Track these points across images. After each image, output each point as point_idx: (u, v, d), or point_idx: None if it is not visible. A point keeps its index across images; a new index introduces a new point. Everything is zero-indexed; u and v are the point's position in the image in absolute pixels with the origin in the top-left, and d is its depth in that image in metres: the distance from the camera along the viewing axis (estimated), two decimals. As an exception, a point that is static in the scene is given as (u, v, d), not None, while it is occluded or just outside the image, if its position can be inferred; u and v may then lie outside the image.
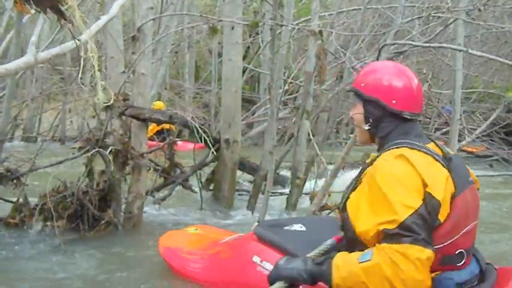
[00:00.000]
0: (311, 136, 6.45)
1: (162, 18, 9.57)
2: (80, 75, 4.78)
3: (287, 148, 7.43)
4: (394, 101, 2.48)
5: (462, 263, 2.37)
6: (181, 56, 15.86)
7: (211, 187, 6.87)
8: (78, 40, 2.11)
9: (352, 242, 2.41)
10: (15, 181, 5.24)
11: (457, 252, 2.34)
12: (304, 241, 2.97)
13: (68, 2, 1.81)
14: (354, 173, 2.75)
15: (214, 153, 6.24)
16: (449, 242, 2.29)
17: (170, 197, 6.31)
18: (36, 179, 5.85)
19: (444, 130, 10.76)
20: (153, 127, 10.19)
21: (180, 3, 11.27)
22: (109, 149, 5.21)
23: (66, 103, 14.72)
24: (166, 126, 10.32)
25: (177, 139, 6.37)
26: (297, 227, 3.34)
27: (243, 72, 9.94)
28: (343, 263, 2.27)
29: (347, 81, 6.96)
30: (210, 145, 6.04)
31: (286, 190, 7.01)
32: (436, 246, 2.23)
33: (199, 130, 5.89)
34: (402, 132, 2.48)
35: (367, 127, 2.57)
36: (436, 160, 2.37)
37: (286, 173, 7.81)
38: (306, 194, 6.65)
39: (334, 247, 2.71)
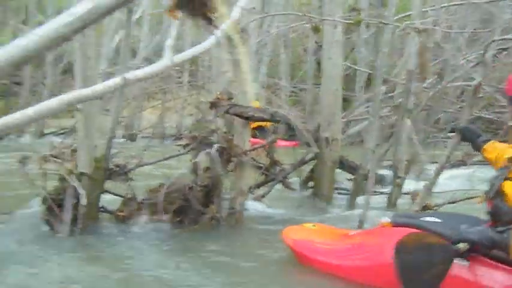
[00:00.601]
0: (412, 135, 6.36)
1: (264, 18, 9.69)
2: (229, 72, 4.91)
3: (386, 147, 7.34)
4: None
5: None
6: (277, 55, 15.97)
7: (309, 185, 6.89)
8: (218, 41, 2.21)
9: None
10: (123, 176, 5.47)
11: None
12: (447, 229, 3.10)
13: (218, 10, 1.92)
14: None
15: (317, 151, 6.26)
16: None
17: (267, 194, 6.38)
18: (139, 175, 6.05)
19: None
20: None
21: (282, 3, 11.37)
22: (214, 147, 5.35)
23: (165, 101, 15.18)
24: (262, 123, 10.42)
25: (278, 137, 6.40)
26: (431, 219, 3.45)
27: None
28: None
29: (448, 78, 6.81)
30: (311, 143, 6.07)
31: (385, 189, 6.95)
32: None
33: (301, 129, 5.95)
34: None
35: (510, 123, 3.11)
36: None
37: (384, 171, 7.71)
38: (404, 193, 6.57)
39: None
